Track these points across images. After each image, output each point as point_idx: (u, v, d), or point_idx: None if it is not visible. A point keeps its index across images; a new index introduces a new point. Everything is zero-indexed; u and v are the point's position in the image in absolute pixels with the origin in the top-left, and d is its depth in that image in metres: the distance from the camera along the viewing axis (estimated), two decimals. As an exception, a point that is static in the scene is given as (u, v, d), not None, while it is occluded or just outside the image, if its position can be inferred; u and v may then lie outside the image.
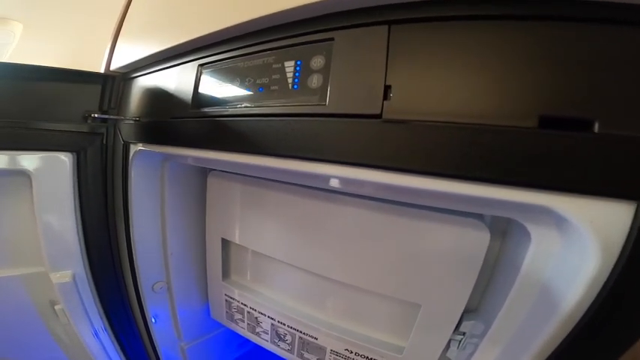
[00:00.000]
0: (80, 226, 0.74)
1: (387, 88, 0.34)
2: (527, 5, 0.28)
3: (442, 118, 0.30)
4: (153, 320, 0.87)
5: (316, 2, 0.37)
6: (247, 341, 1.13)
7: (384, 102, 0.34)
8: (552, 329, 0.33)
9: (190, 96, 0.56)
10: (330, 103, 0.38)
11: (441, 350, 0.56)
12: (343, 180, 0.43)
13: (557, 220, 0.31)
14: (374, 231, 0.56)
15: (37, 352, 0.80)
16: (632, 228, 0.26)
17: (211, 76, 0.54)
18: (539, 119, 0.27)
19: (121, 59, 0.72)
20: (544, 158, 0.27)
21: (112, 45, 0.75)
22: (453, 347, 0.56)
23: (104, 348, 0.85)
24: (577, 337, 0.32)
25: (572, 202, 0.27)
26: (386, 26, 0.35)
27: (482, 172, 0.29)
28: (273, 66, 0.44)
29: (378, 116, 0.34)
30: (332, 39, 0.39)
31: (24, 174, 0.66)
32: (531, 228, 0.36)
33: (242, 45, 0.49)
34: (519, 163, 0.27)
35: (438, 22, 0.32)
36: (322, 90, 0.39)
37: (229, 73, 0.51)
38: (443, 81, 0.31)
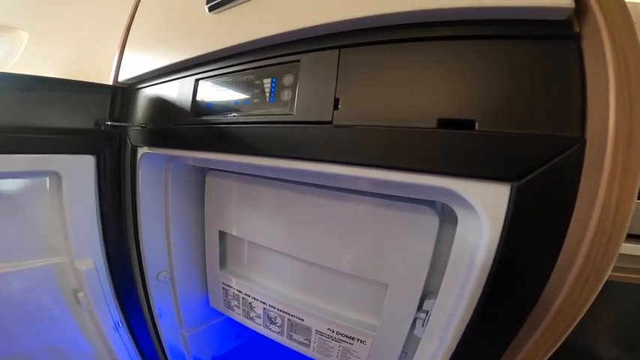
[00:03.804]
0: (99, 219, 0.83)
1: (337, 101, 0.44)
2: (426, 29, 0.39)
3: (375, 123, 0.40)
4: (159, 314, 0.94)
5: (284, 32, 0.47)
6: (245, 332, 1.20)
7: (334, 111, 0.44)
8: (471, 290, 0.40)
9: (189, 106, 0.65)
10: (296, 112, 0.48)
11: (408, 327, 0.62)
12: (307, 173, 0.52)
13: (464, 201, 0.39)
14: (347, 219, 0.64)
15: (71, 341, 0.87)
16: (509, 204, 0.35)
17: (206, 89, 0.63)
18: (438, 121, 0.36)
19: (127, 72, 0.81)
20: (442, 151, 0.36)
21: (118, 59, 0.84)
22: (419, 325, 0.61)
23: (121, 338, 0.93)
24: (488, 296, 0.39)
25: (465, 185, 0.36)
26: (337, 50, 0.45)
27: (401, 163, 0.39)
28: (255, 82, 0.54)
29: (330, 122, 0.44)
30: (298, 60, 0.48)
31: (54, 174, 0.75)
32: (456, 209, 0.45)
33: (231, 64, 0.58)
34: (426, 155, 0.37)
35: (372, 45, 0.42)
36: (291, 102, 0.49)
37: (221, 87, 0.61)
38: (375, 94, 0.41)
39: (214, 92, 0.62)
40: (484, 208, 0.36)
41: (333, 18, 0.43)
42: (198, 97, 0.65)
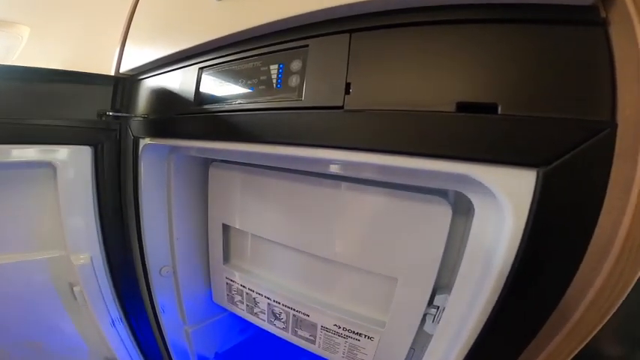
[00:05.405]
0: (97, 213, 0.81)
1: (348, 85, 0.42)
2: (444, 12, 0.37)
3: (389, 107, 0.39)
4: (161, 309, 0.92)
5: (293, 16, 0.45)
6: (248, 328, 1.19)
7: (346, 96, 0.42)
8: (491, 284, 0.38)
9: (192, 95, 0.63)
10: (305, 98, 0.46)
11: (417, 323, 0.61)
12: (316, 160, 0.51)
13: (483, 189, 0.37)
14: (355, 210, 0.63)
15: (60, 337, 0.86)
16: (535, 191, 0.32)
17: (210, 78, 0.62)
18: (457, 105, 0.35)
19: (130, 63, 0.79)
20: (462, 135, 0.34)
21: (120, 49, 0.83)
22: (429, 321, 0.60)
23: (119, 334, 0.92)
24: (509, 290, 0.37)
25: (487, 171, 0.34)
26: (347, 34, 0.43)
27: (417, 148, 0.37)
28: (261, 69, 0.52)
29: (341, 107, 0.42)
30: (307, 46, 0.47)
31: (50, 165, 0.73)
32: (473, 199, 0.43)
33: (235, 51, 0.57)
34: (444, 140, 0.35)
35: (385, 29, 0.40)
36: (299, 88, 0.47)
37: (225, 75, 0.59)
38: (389, 77, 0.39)
39: (219, 80, 0.60)
40: (507, 195, 0.34)
41: (343, 1, 0.41)
42: (202, 86, 0.63)
